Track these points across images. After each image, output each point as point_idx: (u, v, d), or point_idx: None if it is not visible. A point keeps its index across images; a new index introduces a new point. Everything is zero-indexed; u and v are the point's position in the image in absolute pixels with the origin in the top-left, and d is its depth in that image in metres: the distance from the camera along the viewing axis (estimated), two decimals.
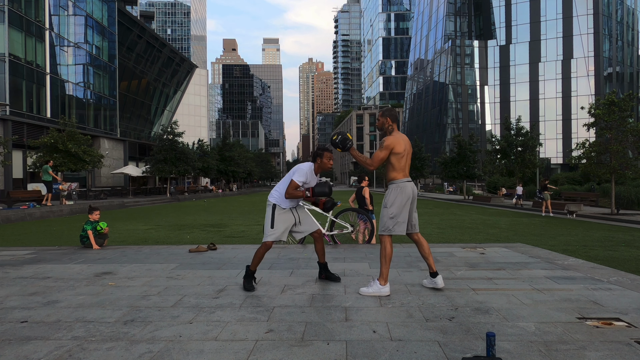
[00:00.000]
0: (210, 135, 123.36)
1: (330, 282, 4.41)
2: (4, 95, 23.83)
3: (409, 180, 4.00)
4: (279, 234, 4.20)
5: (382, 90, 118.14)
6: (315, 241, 4.41)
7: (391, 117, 4.07)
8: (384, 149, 3.92)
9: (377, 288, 3.88)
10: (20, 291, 4.15)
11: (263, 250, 4.19)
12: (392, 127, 4.08)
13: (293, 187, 4.14)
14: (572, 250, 8.06)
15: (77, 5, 31.06)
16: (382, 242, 3.92)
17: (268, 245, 4.18)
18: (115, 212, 19.97)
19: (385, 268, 3.88)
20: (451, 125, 64.63)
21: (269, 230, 4.17)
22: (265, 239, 4.18)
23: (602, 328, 2.97)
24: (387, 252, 3.89)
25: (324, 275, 4.51)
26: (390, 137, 3.97)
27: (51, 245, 8.59)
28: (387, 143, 3.92)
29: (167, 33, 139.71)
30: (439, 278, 4.05)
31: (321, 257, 4.45)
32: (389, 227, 3.92)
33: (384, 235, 3.93)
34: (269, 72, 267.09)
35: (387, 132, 4.09)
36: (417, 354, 2.55)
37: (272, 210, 4.22)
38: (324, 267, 4.50)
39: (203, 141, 44.99)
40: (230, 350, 2.64)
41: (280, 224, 4.19)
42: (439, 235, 10.51)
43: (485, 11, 65.45)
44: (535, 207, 20.92)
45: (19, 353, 2.61)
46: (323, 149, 4.31)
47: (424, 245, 4.04)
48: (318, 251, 4.41)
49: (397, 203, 3.91)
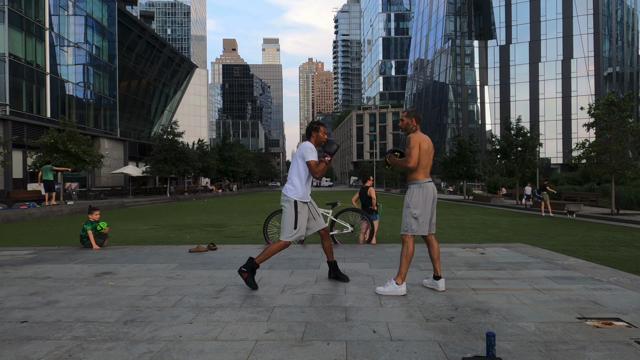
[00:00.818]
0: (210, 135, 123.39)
1: (331, 282, 4.37)
2: (4, 95, 23.84)
3: (430, 180, 4.02)
4: (302, 232, 4.12)
5: (382, 90, 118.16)
6: (323, 239, 4.33)
7: (416, 118, 4.10)
8: (413, 146, 3.92)
9: (393, 287, 3.88)
10: (20, 291, 4.15)
11: (279, 249, 4.11)
12: (416, 128, 4.10)
13: (314, 166, 4.07)
14: (572, 250, 8.06)
15: (77, 5, 31.06)
16: (405, 242, 3.92)
17: (287, 244, 4.12)
18: (115, 212, 19.97)
19: (404, 267, 3.89)
20: (451, 125, 64.63)
21: (291, 230, 4.05)
22: (286, 239, 4.07)
23: (602, 328, 2.97)
24: (410, 251, 3.90)
25: (333, 275, 4.42)
26: (415, 134, 3.99)
27: (51, 245, 8.59)
28: (414, 140, 3.93)
29: (167, 33, 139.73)
30: (442, 281, 4.05)
31: (330, 256, 4.36)
32: (412, 228, 3.91)
33: (407, 234, 3.93)
34: (269, 72, 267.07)
35: (411, 132, 4.12)
36: (417, 354, 2.55)
37: (294, 208, 4.08)
38: (334, 266, 4.41)
39: (203, 141, 44.98)
40: (230, 350, 2.63)
41: (302, 222, 4.10)
42: (439, 235, 10.51)
43: (485, 11, 65.45)
44: (536, 207, 20.92)
45: (19, 353, 2.61)
46: (318, 123, 4.27)
47: (435, 248, 4.04)
48: (326, 249, 4.33)
49: (420, 203, 3.93)
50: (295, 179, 4.13)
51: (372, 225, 7.29)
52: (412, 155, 3.91)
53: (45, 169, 17.39)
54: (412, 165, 3.92)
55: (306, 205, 4.19)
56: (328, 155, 4.10)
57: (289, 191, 4.12)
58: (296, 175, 4.14)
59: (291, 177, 4.17)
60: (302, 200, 4.13)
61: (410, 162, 3.91)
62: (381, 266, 5.18)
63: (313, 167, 4.08)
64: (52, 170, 17.50)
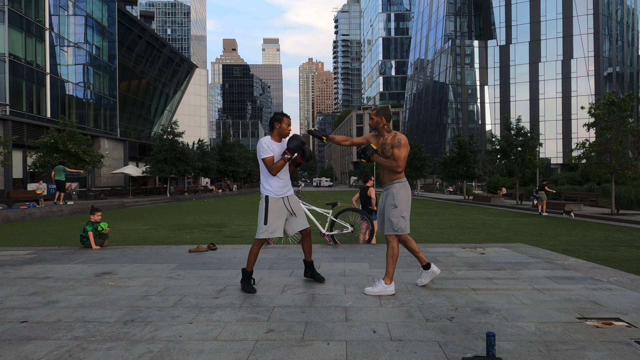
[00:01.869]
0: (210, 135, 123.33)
1: (331, 282, 4.36)
2: (4, 95, 23.83)
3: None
4: (273, 229, 4.01)
5: (382, 90, 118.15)
6: (304, 239, 4.29)
7: (386, 117, 4.05)
8: (403, 147, 3.91)
9: (382, 287, 3.89)
10: (20, 291, 4.15)
11: (256, 249, 4.05)
12: (387, 127, 4.06)
13: (269, 163, 3.97)
14: (572, 250, 8.06)
15: (77, 5, 31.06)
16: (390, 242, 3.93)
17: (261, 242, 4.06)
18: (115, 212, 19.97)
19: (391, 267, 3.89)
20: (451, 125, 64.63)
21: (262, 226, 4.00)
22: (258, 236, 4.02)
23: (602, 328, 2.97)
24: (396, 252, 3.91)
25: (309, 274, 4.43)
26: (402, 135, 3.98)
27: (51, 245, 8.59)
28: (405, 141, 3.93)
29: (167, 33, 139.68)
30: (433, 266, 4.11)
31: (307, 255, 4.36)
32: (402, 227, 3.91)
33: (392, 235, 3.93)
34: (269, 72, 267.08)
35: (383, 131, 4.06)
36: (417, 354, 2.55)
37: (264, 203, 4.02)
38: (310, 266, 4.41)
39: (203, 141, 44.97)
40: (230, 350, 2.63)
41: (274, 217, 4.00)
42: (439, 235, 10.50)
43: (485, 11, 65.45)
44: (536, 207, 20.92)
45: (19, 353, 2.61)
46: (282, 114, 4.16)
47: (412, 241, 4.06)
48: (305, 249, 4.31)
49: (405, 202, 3.94)
50: (264, 175, 4.09)
51: (372, 225, 7.29)
52: (399, 159, 3.91)
53: (58, 170, 17.52)
54: (401, 170, 3.93)
55: (280, 200, 4.08)
56: (288, 153, 3.95)
57: (262, 188, 4.10)
58: (263, 171, 4.09)
59: (261, 175, 4.13)
60: (275, 196, 4.04)
61: (400, 166, 3.91)
62: (381, 266, 5.18)
63: (268, 164, 3.96)
64: (64, 171, 17.70)
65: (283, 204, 4.09)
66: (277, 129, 4.09)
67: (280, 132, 4.09)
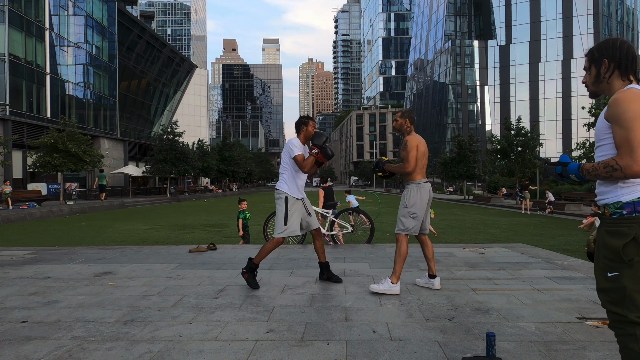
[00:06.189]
0: (210, 135, 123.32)
1: (331, 282, 4.35)
2: (4, 95, 23.83)
3: (427, 181, 4.03)
4: (293, 228, 4.06)
5: (382, 90, 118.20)
6: (315, 239, 4.30)
7: (410, 119, 4.11)
8: (411, 148, 3.93)
9: (388, 286, 3.87)
10: (20, 291, 4.15)
11: (273, 247, 4.08)
12: (410, 129, 4.11)
13: (301, 160, 4.04)
14: (572, 250, 8.06)
15: (77, 5, 31.05)
16: (399, 241, 3.92)
17: (280, 241, 4.08)
18: (115, 212, 19.97)
19: (399, 266, 3.88)
20: (451, 125, 64.63)
21: (281, 226, 4.03)
22: (277, 235, 4.05)
23: (602, 328, 2.97)
24: (404, 251, 3.90)
25: (325, 276, 4.37)
26: (411, 136, 4.00)
27: (51, 245, 8.59)
28: (412, 143, 3.94)
29: (167, 33, 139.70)
30: (437, 280, 4.07)
31: (321, 256, 4.32)
32: (409, 227, 3.92)
33: (402, 234, 3.93)
34: (269, 72, 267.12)
35: (405, 133, 4.11)
36: (417, 354, 2.55)
37: (284, 203, 4.05)
38: (326, 267, 4.36)
39: (203, 141, 44.97)
40: (230, 350, 2.63)
41: (294, 218, 4.06)
42: (439, 235, 10.51)
43: (485, 11, 65.45)
44: (535, 207, 20.93)
45: (19, 353, 2.61)
46: (308, 118, 4.27)
47: (429, 247, 4.06)
48: (318, 249, 4.29)
49: (417, 203, 3.93)
50: (285, 174, 4.12)
51: (372, 225, 7.29)
52: (409, 159, 3.92)
53: (101, 176, 24.38)
54: (410, 169, 3.94)
55: (299, 201, 4.15)
56: (315, 148, 4.05)
57: (281, 187, 4.12)
58: (286, 171, 4.12)
59: (282, 172, 4.16)
60: (294, 196, 4.10)
61: (408, 166, 3.92)
62: (381, 266, 5.18)
63: (300, 162, 4.05)
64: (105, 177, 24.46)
65: (302, 204, 4.17)
66: (304, 132, 4.20)
67: (306, 134, 4.21)
